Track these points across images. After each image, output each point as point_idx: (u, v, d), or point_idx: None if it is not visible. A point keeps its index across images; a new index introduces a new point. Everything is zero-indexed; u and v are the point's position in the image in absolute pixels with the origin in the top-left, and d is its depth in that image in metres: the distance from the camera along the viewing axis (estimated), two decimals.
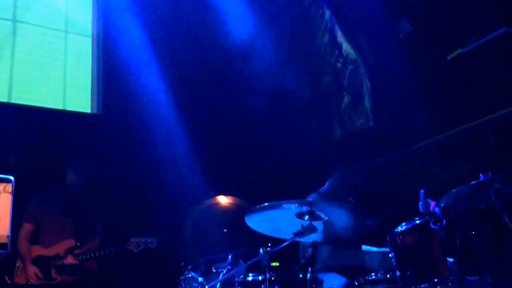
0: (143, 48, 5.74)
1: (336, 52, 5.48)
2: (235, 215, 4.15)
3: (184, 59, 5.82)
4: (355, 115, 5.21)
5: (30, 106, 5.27)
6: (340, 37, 5.48)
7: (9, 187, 2.25)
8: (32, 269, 4.51)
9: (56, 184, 4.73)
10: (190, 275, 3.64)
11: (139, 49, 5.72)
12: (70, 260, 4.50)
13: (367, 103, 5.13)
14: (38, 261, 4.54)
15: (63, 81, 5.64)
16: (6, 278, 4.56)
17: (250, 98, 5.83)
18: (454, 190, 3.07)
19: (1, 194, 2.23)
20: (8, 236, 2.21)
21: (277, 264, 3.52)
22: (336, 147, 4.99)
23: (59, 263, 4.51)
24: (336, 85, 5.49)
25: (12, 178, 2.26)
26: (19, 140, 4.67)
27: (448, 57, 4.35)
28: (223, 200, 4.37)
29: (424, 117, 4.68)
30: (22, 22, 5.54)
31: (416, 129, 4.72)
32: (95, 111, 5.64)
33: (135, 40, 5.73)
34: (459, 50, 4.00)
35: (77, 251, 4.54)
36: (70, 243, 4.58)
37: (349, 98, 5.34)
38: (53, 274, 4.51)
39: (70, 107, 5.60)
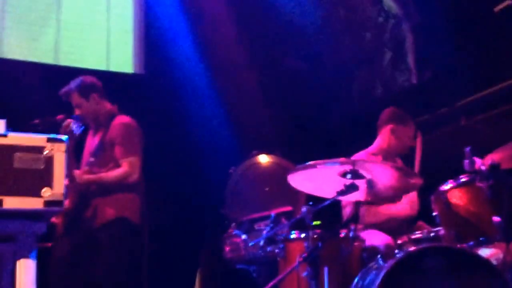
0: (184, 8, 5.74)
1: (378, 7, 5.35)
2: (277, 174, 4.18)
3: (225, 20, 5.79)
4: (397, 72, 5.11)
5: (75, 67, 5.39)
6: None
7: (63, 147, 2.32)
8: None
9: None
10: (234, 233, 3.73)
11: (180, 9, 5.73)
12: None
13: (409, 59, 5.02)
14: None
15: (106, 42, 5.74)
16: None
17: (290, 57, 5.78)
18: (501, 147, 3.03)
19: (56, 154, 2.30)
20: (63, 193, 2.30)
21: (319, 222, 3.55)
22: (380, 105, 4.93)
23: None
24: (377, 41, 5.38)
25: (65, 137, 2.33)
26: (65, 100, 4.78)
27: (495, 9, 4.18)
28: (265, 159, 4.40)
29: (470, 72, 4.56)
30: None
31: (461, 85, 4.60)
32: (137, 71, 5.74)
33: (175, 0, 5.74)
34: (508, 2, 3.84)
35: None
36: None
37: (391, 54, 5.24)
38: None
39: (113, 68, 5.71)
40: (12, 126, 2.39)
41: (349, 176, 2.91)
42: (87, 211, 3.93)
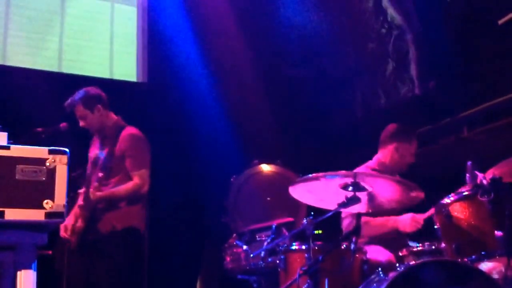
0: (188, 18, 5.77)
1: (381, 18, 5.36)
2: (279, 184, 4.19)
3: (228, 29, 5.81)
4: (399, 83, 5.12)
5: (79, 75, 5.42)
6: (385, 2, 5.35)
7: (65, 159, 2.32)
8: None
9: None
10: (235, 243, 3.73)
11: (184, 18, 5.75)
12: (79, 201, 3.94)
13: (412, 70, 5.03)
14: None
15: (109, 50, 5.77)
16: None
17: (294, 67, 5.79)
18: (503, 162, 3.03)
19: (58, 166, 2.31)
20: (64, 205, 2.30)
21: (320, 231, 3.55)
22: (382, 116, 4.93)
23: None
24: (380, 52, 5.38)
25: (67, 150, 2.34)
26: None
27: (500, 22, 4.19)
28: (266, 168, 4.40)
29: (472, 84, 4.56)
30: None
31: (464, 97, 4.61)
32: (140, 80, 5.76)
33: (178, 9, 5.76)
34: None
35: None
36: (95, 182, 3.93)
37: (394, 64, 5.24)
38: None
39: (116, 76, 5.73)
40: (15, 134, 2.40)
41: (350, 188, 2.91)
42: (98, 224, 3.95)
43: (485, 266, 2.97)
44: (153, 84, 5.75)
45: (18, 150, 2.29)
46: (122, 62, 5.82)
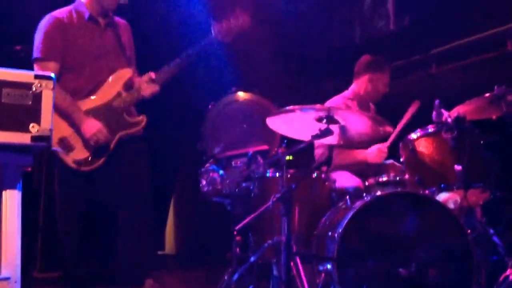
0: None
1: None
2: (255, 112, 4.29)
3: None
4: (376, 17, 5.16)
5: None
6: None
7: (51, 84, 2.36)
8: (91, 125, 3.41)
9: None
10: (211, 168, 3.86)
11: None
12: (148, 90, 3.57)
13: (389, 5, 5.07)
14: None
15: None
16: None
17: None
18: (468, 101, 3.20)
19: (44, 91, 2.36)
20: (50, 129, 2.37)
21: (291, 157, 3.67)
22: (357, 49, 4.99)
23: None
24: None
25: (53, 75, 2.38)
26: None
27: None
28: (244, 96, 4.48)
29: (444, 23, 4.64)
30: None
31: (435, 34, 4.70)
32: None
33: None
34: None
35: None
36: (126, 73, 3.61)
37: None
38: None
39: None
40: None
41: (324, 121, 3.04)
42: None
43: (442, 196, 3.22)
44: (133, 3, 5.57)
45: (4, 74, 2.32)
46: None
